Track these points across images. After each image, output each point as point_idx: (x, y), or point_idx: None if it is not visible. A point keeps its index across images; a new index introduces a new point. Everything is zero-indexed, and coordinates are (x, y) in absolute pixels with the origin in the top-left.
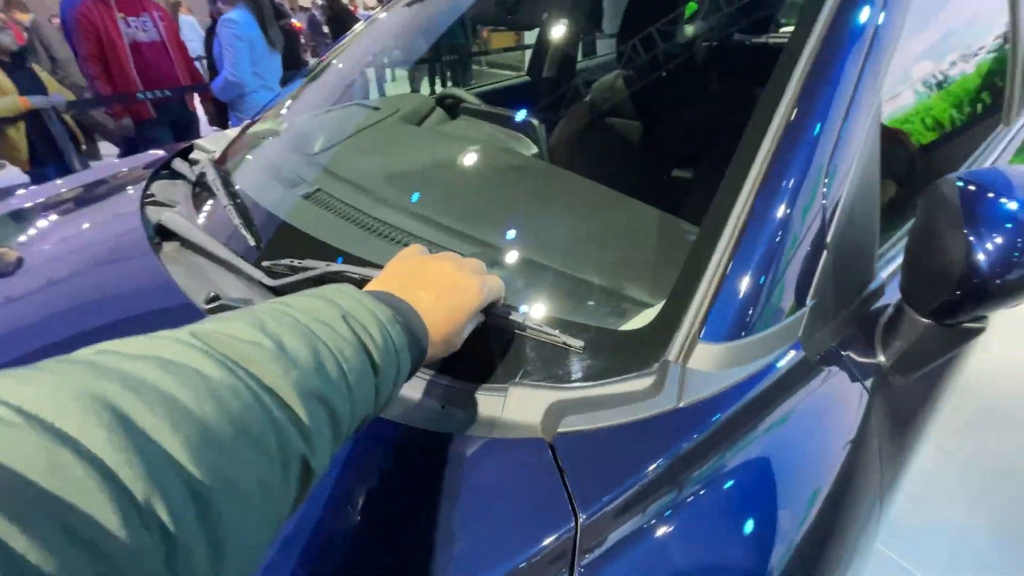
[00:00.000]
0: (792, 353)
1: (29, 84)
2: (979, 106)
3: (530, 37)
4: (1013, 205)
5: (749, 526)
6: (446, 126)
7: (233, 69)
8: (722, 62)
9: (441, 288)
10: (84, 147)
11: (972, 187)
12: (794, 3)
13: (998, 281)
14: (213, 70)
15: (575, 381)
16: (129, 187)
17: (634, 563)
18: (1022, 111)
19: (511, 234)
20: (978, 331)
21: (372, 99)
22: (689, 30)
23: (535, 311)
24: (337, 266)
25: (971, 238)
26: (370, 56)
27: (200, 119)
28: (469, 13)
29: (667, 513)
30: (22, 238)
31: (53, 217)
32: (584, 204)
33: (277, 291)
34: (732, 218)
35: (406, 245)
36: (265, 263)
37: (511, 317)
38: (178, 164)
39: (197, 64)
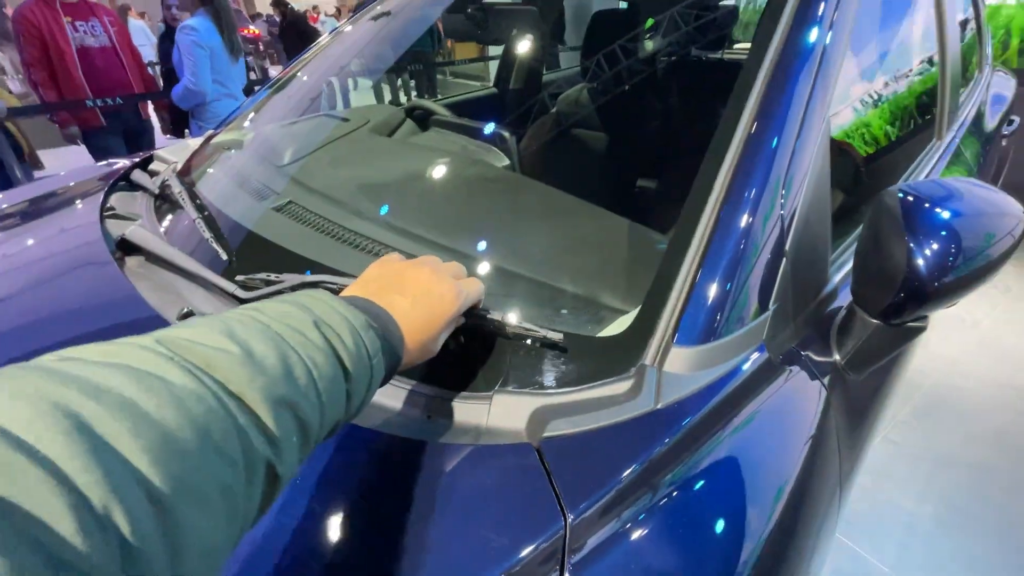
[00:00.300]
0: (757, 355)
1: None
2: (913, 122)
3: (494, 50)
4: (947, 214)
5: (722, 521)
6: (417, 138)
7: (193, 77)
8: (681, 77)
9: (417, 294)
10: (29, 154)
11: (911, 198)
12: (748, 23)
13: (936, 284)
14: (168, 77)
15: (557, 387)
16: (85, 200)
17: (621, 559)
18: (951, 126)
19: (485, 244)
20: (920, 329)
21: (340, 110)
22: (649, 46)
23: (513, 318)
24: (312, 277)
25: (911, 245)
26: (337, 67)
27: (154, 128)
28: (437, 26)
29: (649, 510)
30: None
31: (6, 231)
32: (556, 214)
33: (245, 302)
34: (699, 228)
35: (380, 256)
36: (239, 277)
37: (491, 318)
38: (138, 175)
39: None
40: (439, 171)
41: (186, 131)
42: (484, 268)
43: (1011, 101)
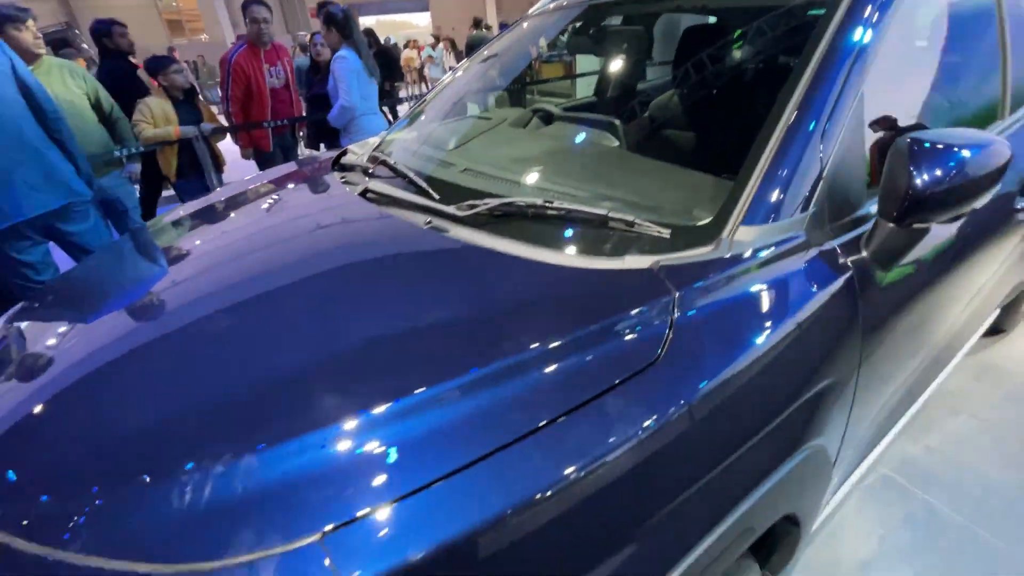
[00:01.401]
0: (797, 238)
1: (191, 116)
2: (980, 101)
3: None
4: (941, 147)
5: (752, 336)
6: (545, 128)
7: (348, 96)
8: (745, 82)
9: None
10: (222, 164)
11: (916, 140)
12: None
13: (928, 194)
14: (312, 103)
15: (672, 251)
16: (320, 174)
17: (718, 326)
18: (1016, 109)
19: (617, 186)
20: (924, 231)
21: (480, 112)
22: (735, 55)
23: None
24: (498, 201)
25: (911, 169)
26: (465, 86)
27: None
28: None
29: (716, 306)
30: (265, 205)
31: (278, 192)
32: (658, 171)
33: (462, 220)
34: (762, 158)
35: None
36: (451, 207)
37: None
38: (350, 158)
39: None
40: (567, 147)
41: (321, 146)
42: (619, 192)
43: None
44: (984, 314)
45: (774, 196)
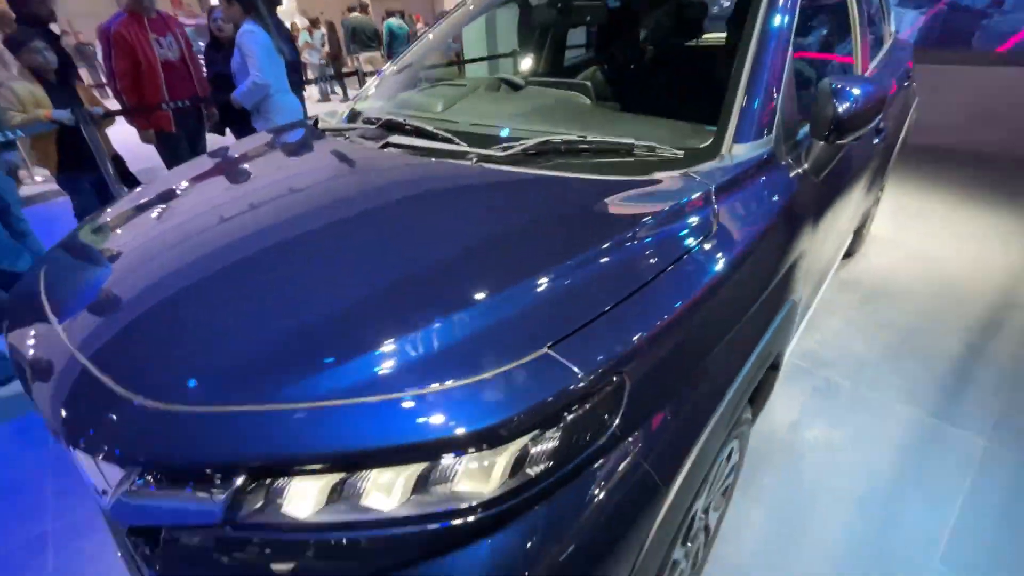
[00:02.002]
0: (766, 154)
1: (68, 99)
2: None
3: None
4: (849, 86)
5: (737, 226)
6: (522, 91)
7: (260, 72)
8: (666, 60)
9: None
10: (112, 156)
11: (834, 81)
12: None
13: (845, 117)
14: (215, 82)
15: (689, 166)
16: (313, 138)
17: (738, 211)
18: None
19: (615, 128)
20: (841, 147)
21: (457, 79)
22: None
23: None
24: (539, 137)
25: (834, 101)
26: (422, 57)
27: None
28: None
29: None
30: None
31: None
32: (638, 118)
33: (500, 159)
34: (737, 99)
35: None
36: (489, 149)
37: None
38: (335, 123)
39: None
40: (552, 103)
41: (227, 131)
42: (620, 127)
43: (908, 59)
44: (848, 235)
45: (750, 124)
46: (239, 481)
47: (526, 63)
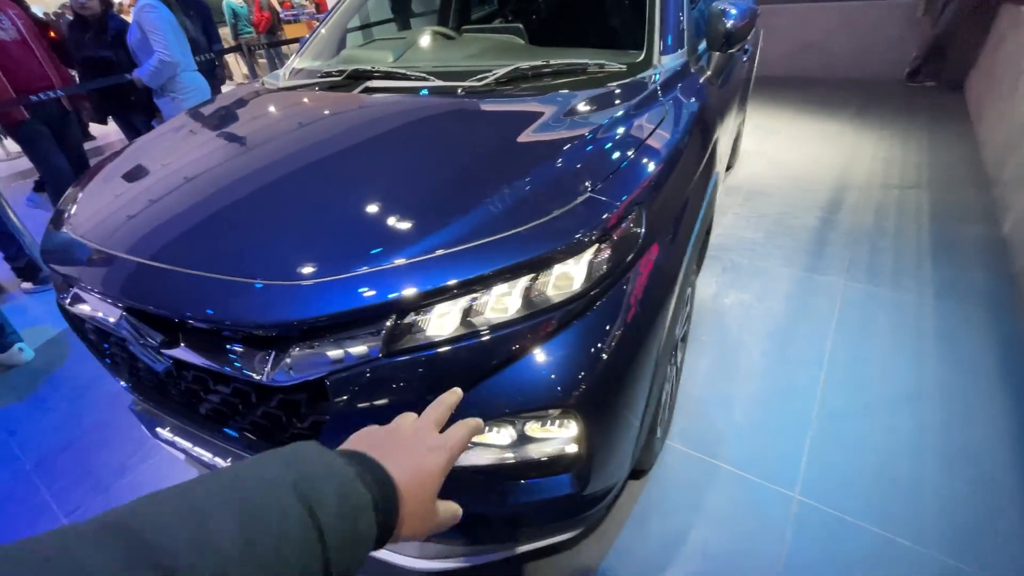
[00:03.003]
0: (683, 63)
1: None
2: None
3: None
4: (731, 8)
5: (669, 121)
6: (460, 39)
7: (166, 50)
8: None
9: (404, 450)
10: None
11: (721, 4)
12: None
13: (732, 30)
14: (86, 65)
15: (634, 75)
16: (302, 93)
17: (676, 99)
18: None
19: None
20: (731, 56)
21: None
22: None
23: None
24: (509, 66)
25: (724, 19)
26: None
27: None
28: None
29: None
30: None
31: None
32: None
33: (479, 89)
34: (657, 24)
35: (460, 71)
36: (467, 81)
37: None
38: (298, 79)
39: None
40: (496, 45)
41: (108, 119)
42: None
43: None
44: (731, 141)
45: (671, 40)
46: (389, 322)
47: (441, 18)
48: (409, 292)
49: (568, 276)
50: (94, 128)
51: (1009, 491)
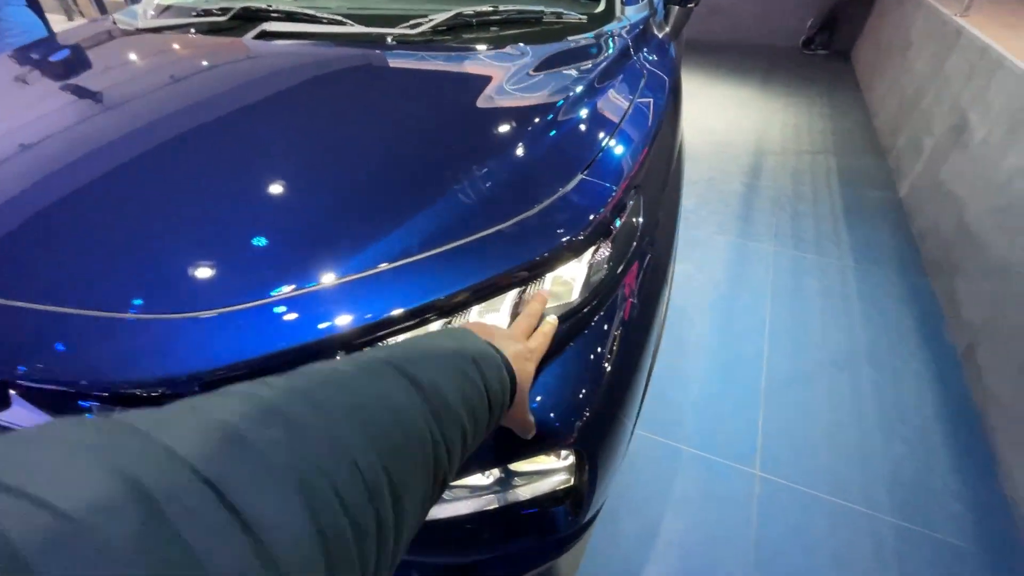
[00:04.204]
0: (646, 14)
1: None
2: None
3: None
4: None
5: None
6: None
7: None
8: None
9: (514, 350)
10: None
11: None
12: None
13: None
14: None
15: (597, 27)
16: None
17: (640, 49)
18: None
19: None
20: (689, 11)
21: None
22: None
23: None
24: (448, 12)
25: None
26: None
27: None
28: None
29: (628, 49)
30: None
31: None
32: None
33: (412, 38)
34: None
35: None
36: (396, 28)
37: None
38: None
39: None
40: None
41: None
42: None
43: None
44: None
45: None
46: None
47: None
48: (349, 319)
49: (566, 283)
50: None
51: (937, 447)
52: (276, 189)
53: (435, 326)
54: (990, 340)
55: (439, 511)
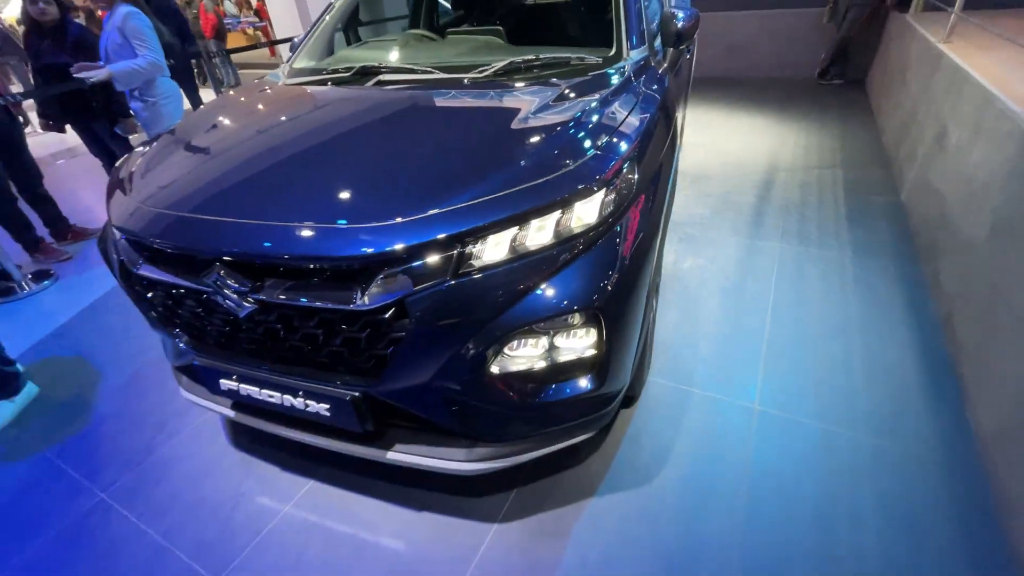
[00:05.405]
0: (646, 56)
1: None
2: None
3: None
4: (680, 12)
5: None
6: (446, 40)
7: (154, 53)
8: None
9: None
10: None
11: (672, 11)
12: None
13: (683, 30)
14: (44, 73)
15: (609, 66)
16: (313, 90)
17: (646, 81)
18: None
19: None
20: (684, 50)
21: (385, 37)
22: None
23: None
24: (505, 60)
25: (674, 20)
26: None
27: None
28: None
29: (637, 82)
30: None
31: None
32: (551, 48)
33: (479, 80)
34: (623, 27)
35: (458, 66)
36: (468, 74)
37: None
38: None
39: None
40: (474, 43)
41: (66, 127)
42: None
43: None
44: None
45: (636, 38)
46: (454, 252)
47: (417, 22)
48: (469, 227)
49: (585, 213)
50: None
51: (913, 389)
52: (397, 164)
53: (509, 233)
54: (963, 302)
55: (509, 364)
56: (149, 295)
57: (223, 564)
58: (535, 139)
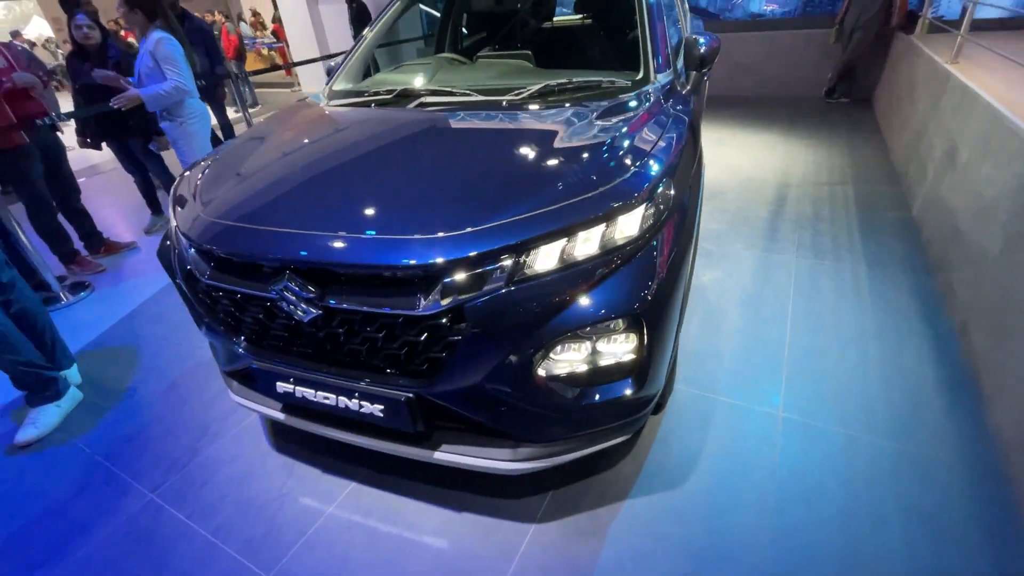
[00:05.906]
0: (671, 79)
1: None
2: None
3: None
4: (702, 38)
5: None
6: (477, 64)
7: (181, 78)
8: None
9: None
10: None
11: (694, 36)
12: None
13: (705, 54)
14: (84, 94)
15: (637, 88)
16: (355, 111)
17: (672, 102)
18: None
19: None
20: (704, 74)
21: (420, 59)
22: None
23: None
24: (539, 84)
25: (699, 46)
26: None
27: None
28: None
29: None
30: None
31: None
32: (579, 71)
33: (516, 102)
34: (650, 51)
35: (494, 89)
36: (505, 96)
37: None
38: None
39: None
40: (506, 67)
41: (102, 144)
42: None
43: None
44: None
45: (662, 62)
46: (510, 261)
47: (445, 45)
48: (526, 237)
49: (628, 226)
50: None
51: (930, 395)
52: (455, 179)
53: (559, 244)
54: (977, 312)
55: (554, 367)
56: (215, 302)
57: (273, 561)
58: (579, 157)
